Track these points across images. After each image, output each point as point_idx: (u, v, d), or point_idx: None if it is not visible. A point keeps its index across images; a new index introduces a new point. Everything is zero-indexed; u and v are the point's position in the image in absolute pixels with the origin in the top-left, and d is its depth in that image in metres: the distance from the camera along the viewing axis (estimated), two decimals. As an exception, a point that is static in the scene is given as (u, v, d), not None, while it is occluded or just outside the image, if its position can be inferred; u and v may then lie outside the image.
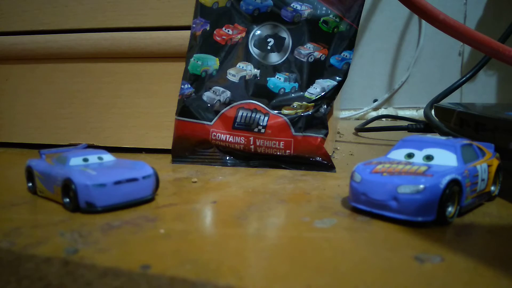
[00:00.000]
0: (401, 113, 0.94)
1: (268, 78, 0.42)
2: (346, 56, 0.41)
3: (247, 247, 0.22)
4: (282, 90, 0.42)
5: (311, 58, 0.42)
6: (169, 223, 0.25)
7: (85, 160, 0.30)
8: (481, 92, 0.93)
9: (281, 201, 0.30)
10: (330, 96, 0.41)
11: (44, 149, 0.33)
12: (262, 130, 0.40)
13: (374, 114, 0.96)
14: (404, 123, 0.66)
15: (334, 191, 0.33)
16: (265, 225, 0.25)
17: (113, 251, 0.21)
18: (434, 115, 0.48)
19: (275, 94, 0.42)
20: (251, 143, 0.41)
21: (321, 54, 0.42)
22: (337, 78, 0.41)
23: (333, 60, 0.42)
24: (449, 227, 0.24)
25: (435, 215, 0.24)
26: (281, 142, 0.40)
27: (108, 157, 0.31)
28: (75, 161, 0.30)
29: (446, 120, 0.43)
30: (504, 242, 0.22)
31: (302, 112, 0.40)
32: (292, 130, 0.40)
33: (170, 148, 0.44)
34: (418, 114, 0.94)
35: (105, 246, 0.22)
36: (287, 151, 0.40)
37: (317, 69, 0.42)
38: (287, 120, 0.40)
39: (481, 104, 0.53)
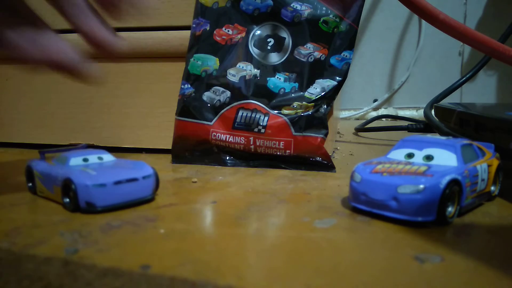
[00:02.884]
0: (401, 113, 0.94)
1: (268, 78, 0.42)
2: (346, 56, 0.41)
3: (247, 247, 0.22)
4: (282, 90, 0.42)
5: (311, 58, 0.42)
6: (169, 223, 0.25)
7: (85, 160, 0.30)
8: (481, 92, 0.93)
9: (281, 201, 0.30)
10: (330, 96, 0.41)
11: (44, 149, 0.33)
12: (262, 130, 0.40)
13: (374, 114, 0.96)
14: (404, 123, 0.66)
15: (334, 191, 0.33)
16: (265, 225, 0.25)
17: (113, 251, 0.21)
18: (434, 115, 0.48)
19: (275, 94, 0.42)
20: (251, 143, 0.41)
21: (321, 54, 0.42)
22: (337, 78, 0.41)
23: (333, 60, 0.42)
24: (449, 227, 0.24)
25: (435, 215, 0.24)
26: (281, 142, 0.40)
27: (108, 157, 0.31)
28: (75, 161, 0.30)
29: (446, 120, 0.43)
30: (504, 242, 0.22)
31: (302, 112, 0.40)
32: (292, 130, 0.40)
33: (170, 148, 0.44)
34: (418, 114, 0.94)
35: (105, 246, 0.22)
36: (287, 151, 0.40)
37: (317, 69, 0.42)
38: (287, 120, 0.40)
39: (481, 104, 0.53)
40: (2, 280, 0.18)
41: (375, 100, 0.99)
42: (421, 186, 0.24)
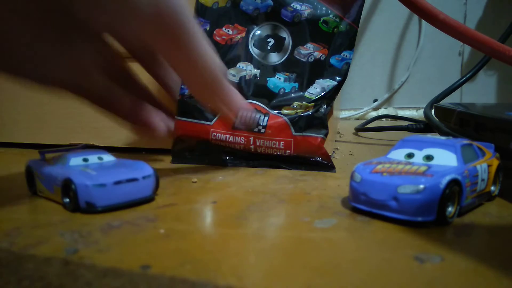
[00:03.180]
0: (401, 113, 0.94)
1: (268, 78, 0.42)
2: (346, 56, 0.41)
3: (247, 247, 0.22)
4: (282, 90, 0.42)
5: (311, 58, 0.42)
6: (169, 223, 0.25)
7: (85, 160, 0.30)
8: (481, 92, 0.93)
9: (281, 201, 0.30)
10: (330, 96, 0.41)
11: (44, 149, 0.33)
12: (262, 130, 0.40)
13: (374, 114, 0.96)
14: (404, 123, 0.66)
15: (334, 191, 0.33)
16: (265, 225, 0.25)
17: (113, 251, 0.21)
18: (434, 115, 0.48)
19: (275, 94, 0.42)
20: (251, 143, 0.41)
21: (321, 54, 0.42)
22: (337, 78, 0.41)
23: (333, 60, 0.42)
24: (449, 227, 0.24)
25: (435, 215, 0.24)
26: (281, 142, 0.40)
27: (108, 157, 0.31)
28: (75, 161, 0.30)
29: (446, 120, 0.43)
30: (504, 242, 0.22)
31: (302, 112, 0.40)
32: (292, 130, 0.40)
33: (170, 148, 0.44)
34: (418, 114, 0.94)
35: (105, 246, 0.22)
36: (287, 151, 0.40)
37: (317, 69, 0.42)
38: (287, 120, 0.40)
39: (481, 104, 0.53)
40: (2, 280, 0.18)
41: (375, 100, 0.99)
42: (421, 186, 0.24)
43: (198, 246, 0.22)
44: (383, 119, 0.88)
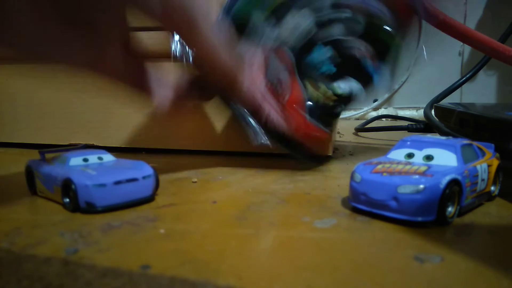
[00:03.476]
0: (401, 113, 0.94)
1: (315, 47, 0.40)
2: (382, 67, 0.40)
3: (247, 247, 0.22)
4: (320, 65, 0.40)
5: (354, 54, 0.40)
6: (169, 223, 0.25)
7: (85, 160, 0.30)
8: (481, 92, 0.93)
9: (281, 201, 0.30)
10: (351, 98, 0.40)
11: (44, 149, 0.33)
12: (284, 99, 0.39)
13: (374, 114, 0.96)
14: (404, 123, 0.66)
15: (334, 191, 0.33)
16: (265, 225, 0.25)
17: (113, 251, 0.21)
18: (434, 115, 0.48)
19: (312, 65, 0.40)
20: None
21: (365, 55, 0.40)
22: (366, 85, 0.40)
23: (371, 67, 0.40)
24: (449, 227, 0.24)
25: (435, 215, 0.24)
26: (292, 122, 0.39)
27: (108, 157, 0.31)
28: (75, 161, 0.30)
29: (446, 120, 0.43)
30: (504, 242, 0.22)
31: (322, 100, 0.39)
32: (307, 116, 0.39)
33: (170, 148, 0.44)
34: (418, 114, 0.94)
35: (105, 246, 0.22)
36: (294, 133, 0.39)
37: (354, 67, 0.40)
38: (307, 105, 0.39)
39: (481, 104, 0.53)
40: (2, 280, 0.18)
41: (375, 100, 0.99)
42: (421, 186, 0.24)
43: (198, 246, 0.22)
44: (383, 119, 0.88)
